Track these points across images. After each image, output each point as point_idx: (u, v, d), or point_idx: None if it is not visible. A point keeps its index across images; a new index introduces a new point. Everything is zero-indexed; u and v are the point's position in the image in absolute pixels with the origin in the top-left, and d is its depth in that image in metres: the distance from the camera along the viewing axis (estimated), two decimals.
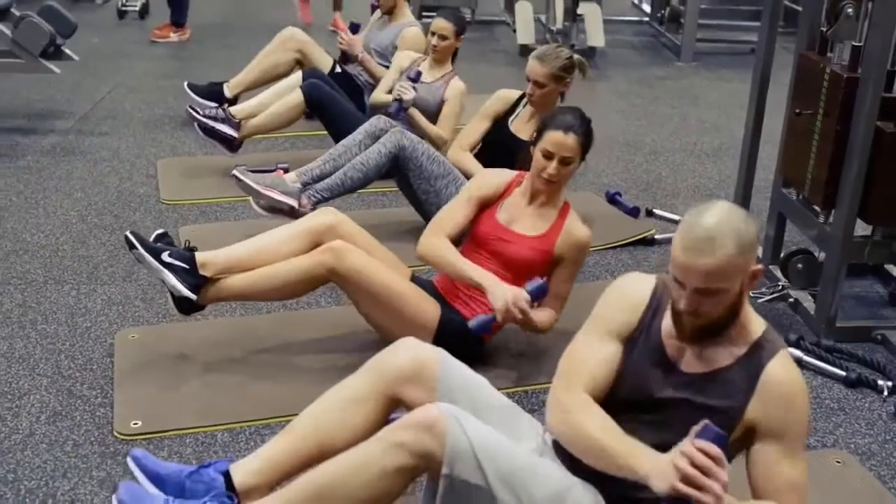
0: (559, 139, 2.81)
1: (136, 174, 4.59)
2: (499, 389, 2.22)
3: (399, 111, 4.16)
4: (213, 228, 4.00)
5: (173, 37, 7.13)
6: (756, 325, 1.95)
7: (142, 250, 2.81)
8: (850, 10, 3.05)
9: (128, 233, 2.84)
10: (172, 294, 2.87)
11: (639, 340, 1.99)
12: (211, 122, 4.45)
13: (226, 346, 3.06)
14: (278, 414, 2.73)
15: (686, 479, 1.70)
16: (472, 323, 2.77)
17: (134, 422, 2.67)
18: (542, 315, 2.85)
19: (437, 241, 2.91)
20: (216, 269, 2.86)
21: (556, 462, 2.04)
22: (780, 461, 1.88)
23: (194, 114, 4.47)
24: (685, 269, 1.80)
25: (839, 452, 2.70)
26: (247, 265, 2.88)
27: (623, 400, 1.96)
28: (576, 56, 3.71)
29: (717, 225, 1.79)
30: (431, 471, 1.92)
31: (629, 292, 2.04)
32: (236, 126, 4.49)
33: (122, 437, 2.62)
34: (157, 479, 2.10)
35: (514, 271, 2.85)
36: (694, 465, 1.70)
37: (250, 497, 2.07)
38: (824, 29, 3.27)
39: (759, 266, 1.86)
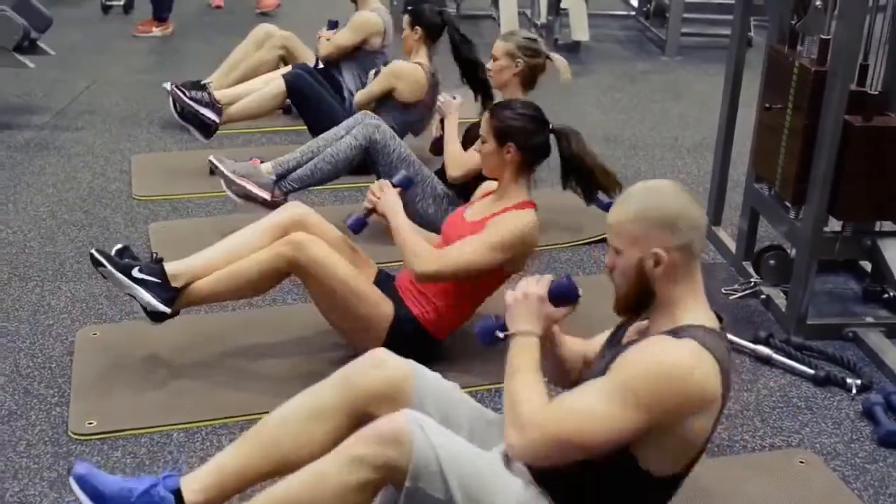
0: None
1: (110, 170, 4.55)
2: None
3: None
4: (183, 225, 3.97)
5: (156, 31, 7.08)
6: (692, 318, 1.86)
7: (110, 268, 2.73)
8: (818, 2, 3.01)
9: (92, 251, 2.76)
10: (144, 308, 2.79)
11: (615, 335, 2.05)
12: (195, 105, 4.40)
13: (187, 344, 3.02)
14: (235, 414, 2.70)
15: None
16: (349, 220, 2.93)
17: (89, 421, 2.64)
18: (410, 239, 2.79)
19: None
20: (187, 279, 2.80)
21: (522, 470, 1.97)
22: (584, 386, 1.82)
23: (181, 94, 4.39)
24: None
25: (803, 452, 2.66)
26: (215, 270, 2.83)
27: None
28: (550, 53, 3.68)
29: (634, 190, 1.91)
30: (394, 481, 1.86)
31: None
32: (219, 112, 4.44)
33: (76, 436, 2.59)
34: (101, 501, 2.01)
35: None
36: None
37: None
38: (794, 22, 3.23)
39: (661, 251, 1.83)
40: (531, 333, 1.93)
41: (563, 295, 1.95)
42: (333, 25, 4.82)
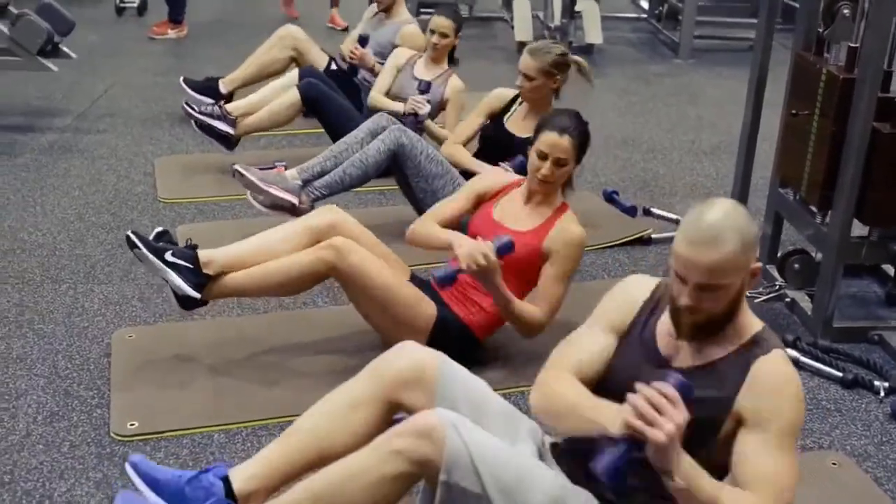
0: (554, 140, 2.84)
1: (134, 172, 4.59)
2: (497, 390, 2.21)
3: (415, 126, 4.14)
4: (211, 227, 4.00)
5: (171, 34, 7.12)
6: (753, 323, 1.95)
7: (144, 250, 2.80)
8: (846, 10, 3.05)
9: (129, 232, 2.83)
10: (175, 292, 2.86)
11: (632, 336, 2.02)
12: (207, 119, 4.44)
13: (222, 346, 3.06)
14: (275, 415, 2.73)
15: (639, 416, 1.70)
16: (437, 273, 2.74)
17: (130, 423, 2.67)
18: (519, 303, 2.85)
19: (424, 223, 3.04)
20: (218, 267, 2.85)
21: (554, 468, 2.05)
22: (760, 452, 1.82)
23: (190, 111, 4.45)
24: (689, 264, 1.81)
25: (835, 454, 2.70)
26: (248, 263, 2.88)
27: (613, 393, 1.92)
28: (575, 57, 3.73)
29: (721, 221, 1.81)
30: (429, 477, 1.92)
31: (629, 290, 2.08)
32: (232, 123, 4.48)
33: (118, 438, 2.63)
34: (155, 485, 2.08)
35: (504, 266, 2.79)
36: (649, 403, 1.70)
37: (249, 502, 2.07)
38: (821, 30, 3.27)
39: (758, 265, 1.88)
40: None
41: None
42: (364, 41, 4.73)
